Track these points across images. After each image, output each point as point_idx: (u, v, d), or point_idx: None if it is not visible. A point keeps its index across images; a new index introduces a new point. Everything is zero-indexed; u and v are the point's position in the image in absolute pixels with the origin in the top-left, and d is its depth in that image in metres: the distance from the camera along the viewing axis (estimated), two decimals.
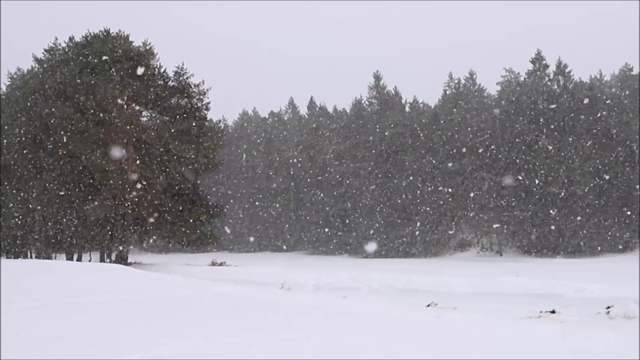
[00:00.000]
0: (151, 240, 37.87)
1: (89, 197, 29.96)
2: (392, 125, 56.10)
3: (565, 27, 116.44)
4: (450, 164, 52.37)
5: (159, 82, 33.74)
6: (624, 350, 6.95)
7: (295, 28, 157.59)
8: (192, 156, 32.11)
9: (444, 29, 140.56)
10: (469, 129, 53.28)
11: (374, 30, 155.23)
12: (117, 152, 28.99)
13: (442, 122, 54.99)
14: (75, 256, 31.95)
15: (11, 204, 29.49)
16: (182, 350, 6.37)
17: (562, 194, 47.19)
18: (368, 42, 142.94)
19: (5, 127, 31.17)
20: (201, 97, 34.13)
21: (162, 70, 34.11)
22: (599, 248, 45.49)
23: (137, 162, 31.53)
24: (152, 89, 32.61)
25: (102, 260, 31.79)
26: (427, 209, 52.86)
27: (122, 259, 31.79)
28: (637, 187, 45.44)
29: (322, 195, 59.43)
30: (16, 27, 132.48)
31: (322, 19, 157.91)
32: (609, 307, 12.51)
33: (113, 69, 31.56)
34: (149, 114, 34.52)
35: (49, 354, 6.14)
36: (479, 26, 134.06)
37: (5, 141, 31.09)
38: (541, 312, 11.93)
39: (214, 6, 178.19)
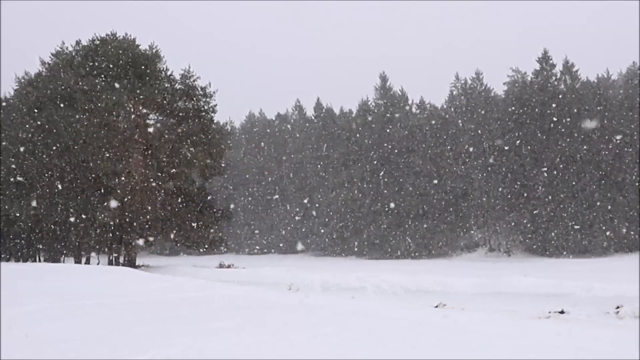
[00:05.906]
0: (159, 243, 37.92)
1: (97, 201, 30.03)
2: (399, 126, 56.02)
3: (569, 27, 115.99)
4: (457, 164, 52.21)
5: (166, 85, 33.84)
6: (631, 350, 6.89)
7: (296, 29, 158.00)
8: (200, 159, 32.19)
9: (445, 29, 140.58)
10: (476, 129, 53.07)
11: (376, 31, 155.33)
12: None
13: (448, 122, 54.82)
14: (84, 259, 32.05)
15: (16, 208, 29.47)
16: (190, 351, 6.38)
17: (570, 194, 46.94)
18: (369, 43, 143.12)
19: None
20: (208, 99, 34.19)
21: (168, 73, 34.22)
22: (607, 246, 45.19)
23: (144, 165, 31.65)
24: (158, 92, 32.70)
25: (110, 263, 31.91)
26: (435, 209, 52.71)
27: (130, 262, 31.90)
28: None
29: (328, 196, 59.36)
30: (24, 32, 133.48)
31: (323, 19, 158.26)
32: (618, 307, 12.45)
33: (120, 72, 31.68)
34: (155, 117, 34.63)
35: (58, 354, 6.16)
36: (480, 27, 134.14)
37: (9, 144, 30.96)
38: (550, 312, 11.88)
39: (214, 6, 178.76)
